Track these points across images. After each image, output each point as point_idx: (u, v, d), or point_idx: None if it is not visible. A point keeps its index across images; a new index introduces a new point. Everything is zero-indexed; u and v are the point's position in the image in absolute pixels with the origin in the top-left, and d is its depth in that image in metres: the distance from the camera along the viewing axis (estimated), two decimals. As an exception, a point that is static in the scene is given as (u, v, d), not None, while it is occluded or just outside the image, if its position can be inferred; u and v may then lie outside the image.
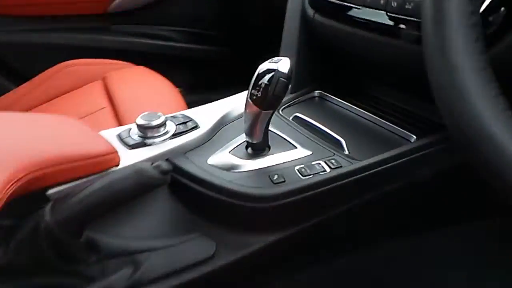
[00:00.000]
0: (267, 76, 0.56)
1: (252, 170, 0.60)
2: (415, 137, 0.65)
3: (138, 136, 0.63)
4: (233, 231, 0.58)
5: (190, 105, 1.05)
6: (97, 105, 1.04)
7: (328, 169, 0.59)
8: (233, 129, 0.70)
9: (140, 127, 0.63)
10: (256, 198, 0.55)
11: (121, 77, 1.15)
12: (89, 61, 1.20)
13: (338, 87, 0.81)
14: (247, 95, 0.59)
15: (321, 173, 0.58)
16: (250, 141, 0.62)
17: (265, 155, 0.63)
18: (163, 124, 0.64)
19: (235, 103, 0.75)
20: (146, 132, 0.63)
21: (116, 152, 0.56)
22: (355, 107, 0.74)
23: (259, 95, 0.57)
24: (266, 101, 0.56)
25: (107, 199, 0.47)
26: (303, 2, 0.80)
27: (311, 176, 0.58)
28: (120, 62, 1.22)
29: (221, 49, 1.51)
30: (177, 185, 0.60)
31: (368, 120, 0.70)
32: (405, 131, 0.66)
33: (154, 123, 0.63)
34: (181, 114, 0.70)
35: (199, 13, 1.46)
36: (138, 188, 0.50)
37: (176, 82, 1.19)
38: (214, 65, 1.51)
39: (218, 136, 0.68)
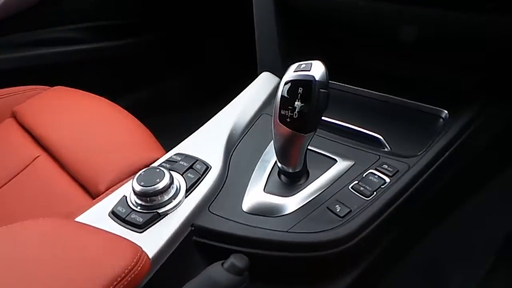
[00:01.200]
0: (299, 89, 0.44)
1: (303, 206, 0.49)
2: (446, 111, 0.59)
3: (143, 207, 0.47)
4: (305, 286, 0.47)
5: (129, 110, 0.85)
6: (24, 154, 0.79)
7: (387, 179, 0.50)
8: (245, 155, 0.57)
9: (143, 195, 0.46)
10: (329, 243, 0.45)
11: (37, 107, 0.89)
12: (-15, 95, 0.90)
13: (330, 67, 0.70)
14: (275, 117, 0.46)
15: (382, 186, 0.50)
16: (287, 170, 0.50)
17: (306, 181, 0.51)
18: (172, 182, 0.48)
19: (227, 121, 0.60)
20: (153, 200, 0.47)
21: (142, 251, 0.39)
22: (365, 90, 0.65)
23: (295, 116, 0.44)
24: (308, 122, 0.44)
25: None
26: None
27: (375, 193, 0.49)
28: (29, 87, 0.94)
29: (141, 39, 1.26)
30: (218, 252, 0.46)
31: (389, 102, 0.62)
32: (433, 107, 0.60)
33: (161, 185, 0.46)
34: (179, 155, 0.54)
35: (102, 1, 1.18)
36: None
37: (98, 91, 0.97)
38: (139, 59, 1.27)
39: (234, 169, 0.55)
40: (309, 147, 0.55)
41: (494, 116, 0.57)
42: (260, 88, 0.66)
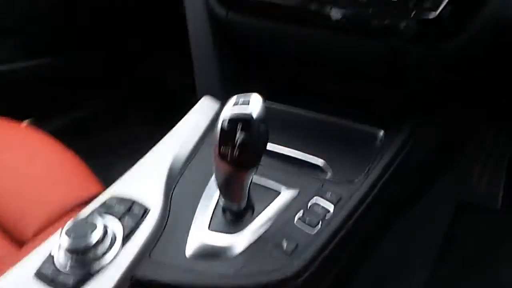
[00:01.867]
0: (239, 126, 0.42)
1: (251, 245, 0.47)
2: (382, 132, 0.61)
3: (73, 266, 0.42)
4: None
5: (58, 135, 0.78)
6: None
7: (331, 208, 0.50)
8: (187, 191, 0.54)
9: (72, 252, 0.42)
10: (278, 284, 0.44)
11: None
12: None
13: (268, 89, 0.70)
14: (215, 154, 0.43)
15: (327, 215, 0.49)
16: (232, 209, 0.48)
17: (251, 217, 0.50)
18: (106, 232, 0.44)
19: (167, 154, 0.57)
20: (85, 257, 0.42)
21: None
22: (306, 110, 0.65)
23: (236, 154, 0.42)
24: (249, 158, 0.43)
25: None
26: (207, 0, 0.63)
27: (320, 224, 0.48)
28: None
29: (69, 57, 1.16)
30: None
31: (330, 123, 0.63)
32: (371, 127, 0.61)
33: (94, 238, 0.42)
34: (114, 198, 0.50)
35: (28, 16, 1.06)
36: None
37: (19, 116, 0.89)
38: (69, 79, 1.17)
39: (176, 208, 0.51)
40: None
41: (427, 132, 0.59)
42: (201, 115, 0.63)
